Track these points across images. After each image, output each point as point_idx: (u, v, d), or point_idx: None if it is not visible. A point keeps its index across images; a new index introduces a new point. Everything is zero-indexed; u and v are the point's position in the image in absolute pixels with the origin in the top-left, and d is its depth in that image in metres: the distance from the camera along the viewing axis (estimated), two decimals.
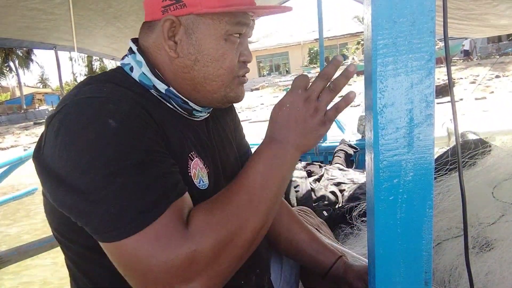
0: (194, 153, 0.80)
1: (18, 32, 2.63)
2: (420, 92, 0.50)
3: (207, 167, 0.84)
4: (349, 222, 1.84)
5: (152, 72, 0.79)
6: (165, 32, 0.76)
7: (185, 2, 0.74)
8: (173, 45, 0.78)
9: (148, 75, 0.79)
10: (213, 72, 0.79)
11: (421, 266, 0.56)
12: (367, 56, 0.53)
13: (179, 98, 0.81)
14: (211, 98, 0.83)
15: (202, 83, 0.81)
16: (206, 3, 0.74)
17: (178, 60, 0.79)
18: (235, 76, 0.82)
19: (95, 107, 0.65)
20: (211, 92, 0.82)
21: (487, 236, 1.32)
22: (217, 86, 0.81)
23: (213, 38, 0.77)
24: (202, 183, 0.81)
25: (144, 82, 0.79)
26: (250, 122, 12.30)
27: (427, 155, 0.51)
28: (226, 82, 0.81)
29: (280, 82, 24.50)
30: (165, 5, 0.75)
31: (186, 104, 0.83)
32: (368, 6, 0.50)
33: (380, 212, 0.54)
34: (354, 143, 3.59)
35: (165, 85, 0.80)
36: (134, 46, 0.82)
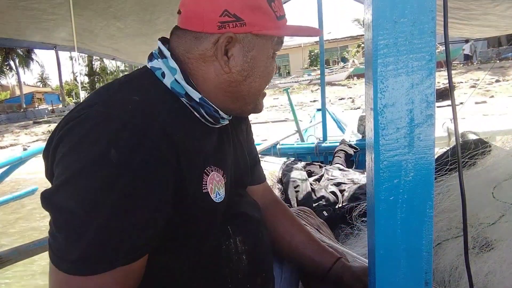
0: (210, 168, 0.80)
1: (18, 32, 2.63)
2: (420, 93, 0.50)
3: (224, 176, 0.85)
4: (349, 222, 1.84)
5: (186, 80, 0.79)
6: (223, 47, 0.77)
7: (246, 21, 0.76)
8: (226, 61, 0.79)
9: (181, 83, 0.79)
10: (258, 87, 0.84)
11: (421, 266, 0.56)
12: (368, 56, 0.53)
13: (211, 107, 0.81)
14: (245, 109, 0.87)
15: (244, 96, 0.84)
16: (265, 24, 0.78)
17: (229, 75, 0.80)
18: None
19: (107, 128, 0.65)
20: (248, 103, 0.86)
21: (487, 236, 1.32)
22: (255, 98, 0.86)
23: (266, 56, 0.82)
24: (219, 196, 0.82)
25: (176, 90, 0.79)
26: (251, 123, 12.26)
27: (427, 155, 0.51)
28: (259, 94, 0.87)
29: (281, 84, 24.51)
30: (224, 21, 0.75)
31: (217, 113, 0.83)
32: (369, 6, 0.50)
33: (380, 212, 0.54)
34: (354, 143, 3.59)
35: (199, 93, 0.80)
36: (167, 51, 0.81)
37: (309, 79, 24.60)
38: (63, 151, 0.65)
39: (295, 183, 2.46)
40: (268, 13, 0.77)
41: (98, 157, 0.62)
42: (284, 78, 30.03)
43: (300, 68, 30.72)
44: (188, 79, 0.79)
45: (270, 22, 0.78)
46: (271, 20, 0.78)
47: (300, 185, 2.42)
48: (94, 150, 0.62)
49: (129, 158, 0.63)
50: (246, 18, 0.75)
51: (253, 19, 0.76)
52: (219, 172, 0.83)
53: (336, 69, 25.23)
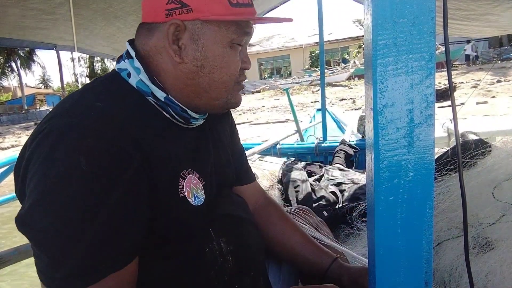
0: (186, 171, 0.79)
1: (19, 32, 2.63)
2: (420, 93, 0.50)
3: (202, 179, 0.83)
4: (349, 222, 1.84)
5: (150, 79, 0.77)
6: (170, 36, 0.75)
7: (192, 7, 0.73)
8: (177, 50, 0.77)
9: (146, 82, 0.77)
10: (218, 78, 0.79)
11: (421, 266, 0.56)
12: (368, 57, 0.53)
13: (177, 106, 0.80)
14: (213, 104, 0.83)
15: (207, 89, 0.80)
16: (214, 10, 0.73)
17: (183, 65, 0.78)
18: (235, 82, 0.83)
19: (73, 137, 0.64)
20: (214, 98, 0.82)
21: (487, 236, 1.32)
22: (220, 92, 0.82)
23: (220, 45, 0.77)
24: (198, 199, 0.80)
25: (142, 89, 0.78)
26: (251, 124, 12.30)
27: (427, 155, 0.51)
28: (229, 88, 0.82)
29: (281, 84, 24.52)
30: (170, 8, 0.73)
31: (185, 112, 0.81)
32: (369, 6, 0.50)
33: (380, 212, 0.54)
34: (354, 143, 3.58)
35: (164, 93, 0.78)
36: (132, 51, 0.80)
37: (310, 80, 24.60)
38: (33, 170, 0.64)
39: (295, 183, 2.46)
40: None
41: (68, 169, 0.61)
42: (285, 79, 30.04)
43: (301, 69, 30.71)
44: (153, 78, 0.78)
45: (220, 9, 0.74)
46: (222, 6, 0.74)
47: (300, 185, 2.42)
48: (63, 163, 0.62)
49: (99, 164, 0.63)
50: (192, 4, 0.73)
51: (200, 4, 0.73)
52: (196, 175, 0.81)
53: (337, 69, 25.24)
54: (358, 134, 4.42)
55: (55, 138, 0.64)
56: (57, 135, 0.64)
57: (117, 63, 0.82)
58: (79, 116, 0.67)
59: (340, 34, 31.34)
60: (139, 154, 0.68)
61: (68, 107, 0.70)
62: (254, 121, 12.80)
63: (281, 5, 4.18)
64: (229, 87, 0.82)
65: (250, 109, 17.28)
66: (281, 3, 4.15)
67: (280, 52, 34.34)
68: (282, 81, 27.40)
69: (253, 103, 19.34)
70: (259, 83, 29.43)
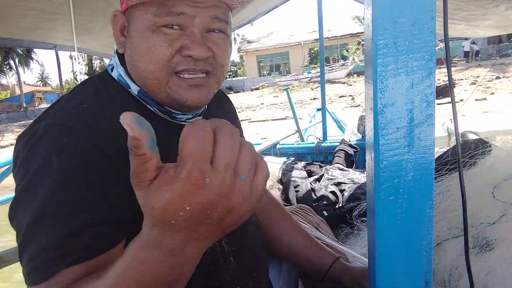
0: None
1: (19, 31, 2.63)
2: (420, 92, 0.50)
3: None
4: (349, 222, 1.84)
5: (127, 72, 0.77)
6: (116, 26, 0.77)
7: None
8: (123, 41, 0.77)
9: (123, 75, 0.77)
10: (144, 67, 0.72)
11: (421, 266, 0.55)
12: (368, 56, 0.53)
13: (151, 101, 0.77)
14: (162, 100, 0.76)
15: (144, 81, 0.75)
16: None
17: (125, 56, 0.77)
18: (171, 72, 0.72)
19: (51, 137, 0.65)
20: (155, 92, 0.75)
21: (487, 236, 1.32)
22: (154, 84, 0.73)
23: (140, 30, 0.72)
24: None
25: (122, 81, 0.77)
26: (250, 122, 12.30)
27: (427, 155, 0.51)
28: (161, 79, 0.73)
29: (280, 82, 24.51)
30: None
31: (162, 107, 0.77)
32: (369, 6, 0.50)
33: (380, 212, 0.54)
34: (354, 143, 3.59)
35: (137, 86, 0.76)
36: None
37: (309, 77, 24.58)
38: (16, 170, 0.67)
39: (295, 182, 2.46)
40: None
41: (41, 167, 0.62)
42: (284, 76, 30.03)
43: (300, 66, 30.71)
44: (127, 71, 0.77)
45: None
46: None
47: (300, 185, 2.42)
48: (38, 161, 0.63)
49: (69, 162, 0.63)
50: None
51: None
52: None
53: (336, 66, 25.22)
54: (358, 134, 4.42)
55: (36, 140, 0.66)
56: (39, 136, 0.66)
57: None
58: (61, 117, 0.68)
59: (339, 30, 31.34)
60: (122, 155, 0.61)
61: (57, 110, 0.71)
62: (253, 119, 12.81)
63: (281, 4, 4.18)
64: (160, 77, 0.72)
65: (249, 107, 17.28)
66: (281, 3, 4.15)
67: (279, 49, 34.33)
68: (281, 78, 27.39)
69: (252, 101, 19.34)
70: (258, 80, 29.43)
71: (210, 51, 0.73)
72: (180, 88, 0.73)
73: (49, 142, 0.64)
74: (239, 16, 3.63)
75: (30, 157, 0.65)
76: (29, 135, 0.68)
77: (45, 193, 0.61)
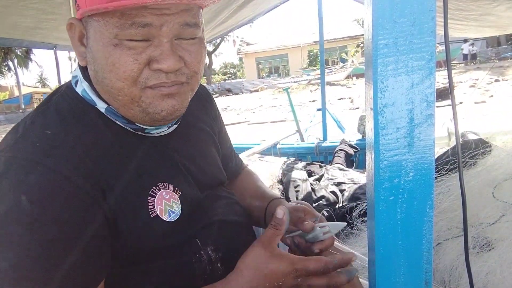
0: (156, 187, 0.72)
1: (18, 31, 2.63)
2: (420, 92, 0.50)
3: (178, 190, 0.76)
4: (349, 222, 1.84)
5: (92, 87, 0.70)
6: (73, 35, 0.68)
7: (78, 2, 0.63)
8: (83, 51, 0.68)
9: (87, 91, 0.70)
10: (111, 85, 0.66)
11: (421, 266, 0.55)
12: (368, 56, 0.53)
13: (121, 118, 0.71)
14: (133, 115, 0.70)
15: (113, 98, 0.68)
16: (91, 1, 0.60)
17: (88, 69, 0.69)
18: (143, 87, 0.66)
19: (15, 174, 0.59)
20: (127, 107, 0.69)
21: (487, 236, 1.32)
22: (125, 101, 0.67)
23: (101, 44, 0.63)
24: (173, 214, 0.74)
25: (87, 98, 0.70)
26: (249, 124, 12.29)
27: (427, 155, 0.51)
28: (133, 95, 0.66)
29: (280, 84, 24.52)
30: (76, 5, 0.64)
31: (133, 124, 0.72)
32: (369, 6, 0.50)
33: (381, 212, 0.54)
34: (354, 143, 3.59)
35: (104, 103, 0.70)
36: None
37: (308, 79, 24.59)
38: None
39: (295, 183, 2.46)
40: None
41: (10, 211, 0.57)
42: (283, 78, 30.03)
43: (299, 68, 30.71)
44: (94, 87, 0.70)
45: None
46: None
47: (300, 185, 2.42)
48: (5, 205, 0.57)
49: (41, 201, 0.58)
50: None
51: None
52: (169, 188, 0.75)
53: (335, 69, 25.24)
54: (358, 134, 4.42)
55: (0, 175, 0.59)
56: (2, 173, 0.59)
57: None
58: (24, 149, 0.62)
59: (339, 33, 31.36)
60: (90, 185, 0.63)
61: (18, 137, 0.64)
62: (253, 121, 12.81)
63: (281, 5, 4.18)
64: (132, 94, 0.66)
65: (248, 109, 17.28)
66: (281, 3, 4.15)
67: (278, 51, 34.37)
68: (281, 80, 27.39)
69: (252, 103, 19.34)
70: (257, 82, 29.46)
71: (182, 61, 0.67)
72: (154, 99, 0.67)
73: (13, 180, 0.58)
74: (239, 16, 3.63)
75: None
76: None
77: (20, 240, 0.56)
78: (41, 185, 0.58)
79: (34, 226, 0.57)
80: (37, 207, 0.57)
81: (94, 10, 0.60)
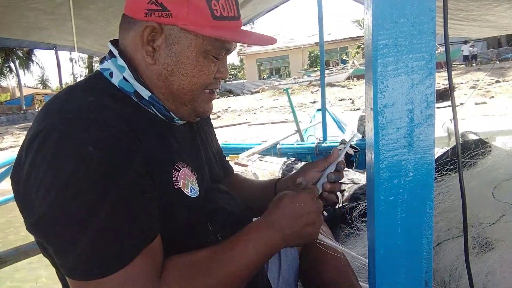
0: (180, 164, 0.79)
1: (19, 32, 2.63)
2: (420, 92, 0.50)
3: (195, 173, 0.84)
4: (349, 222, 1.84)
5: (135, 77, 0.77)
6: (145, 37, 0.75)
7: (172, 13, 0.72)
8: (151, 51, 0.76)
9: (130, 80, 0.77)
10: (187, 86, 0.79)
11: (421, 266, 0.56)
12: (368, 57, 0.53)
13: (161, 106, 0.80)
14: (181, 110, 0.83)
15: (175, 95, 0.80)
16: (193, 20, 0.73)
17: (154, 67, 0.77)
18: (204, 91, 0.82)
19: (76, 132, 0.64)
20: (182, 103, 0.81)
21: (487, 236, 1.32)
22: (188, 99, 0.81)
23: (193, 54, 0.76)
24: (193, 191, 0.81)
25: (124, 89, 0.77)
26: (250, 125, 12.29)
27: (427, 155, 0.51)
28: (195, 96, 0.81)
29: (280, 85, 24.52)
30: (150, 9, 0.73)
31: (168, 113, 0.82)
32: (369, 7, 0.50)
33: (381, 212, 0.54)
34: (354, 143, 3.57)
35: (148, 91, 0.78)
36: (115, 49, 0.80)
37: (309, 80, 24.59)
38: (40, 176, 0.62)
39: None
40: (201, 8, 0.72)
41: (79, 163, 0.61)
42: (284, 79, 30.02)
43: (300, 69, 30.69)
44: (137, 76, 0.77)
45: (200, 19, 0.73)
46: (203, 16, 0.73)
47: None
48: (72, 159, 0.61)
49: (109, 151, 0.64)
50: (173, 10, 0.72)
51: (180, 11, 0.72)
52: (188, 169, 0.82)
53: (336, 70, 25.23)
54: (358, 134, 4.42)
55: (57, 136, 0.63)
56: (59, 134, 0.63)
57: (100, 64, 0.82)
58: (75, 111, 0.67)
59: (339, 34, 31.32)
60: (137, 139, 0.70)
61: (60, 106, 0.69)
62: (253, 122, 12.81)
63: (281, 5, 4.19)
64: (198, 95, 0.81)
65: (249, 110, 17.28)
66: (281, 3, 4.15)
67: (279, 52, 34.31)
68: (281, 81, 27.39)
69: (252, 104, 19.35)
70: (258, 84, 29.47)
71: None
72: (205, 102, 0.84)
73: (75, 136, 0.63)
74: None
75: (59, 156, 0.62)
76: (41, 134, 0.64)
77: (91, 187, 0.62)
78: (103, 137, 0.64)
79: (107, 172, 0.63)
80: (106, 154, 0.63)
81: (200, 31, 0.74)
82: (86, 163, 0.61)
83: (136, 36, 0.76)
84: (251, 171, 2.86)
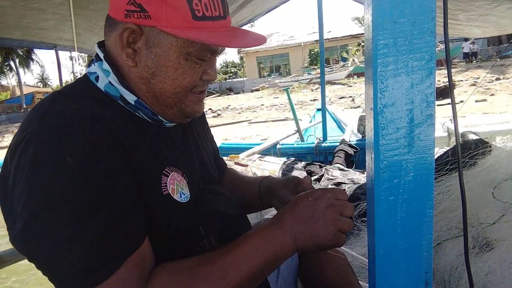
0: (169, 168, 0.78)
1: (19, 32, 2.63)
2: (420, 92, 0.50)
3: (185, 176, 0.82)
4: None
5: (120, 81, 0.75)
6: (124, 39, 0.72)
7: (151, 14, 0.69)
8: (131, 53, 0.74)
9: (116, 85, 0.75)
10: (169, 89, 0.76)
11: (421, 266, 0.56)
12: (368, 56, 0.53)
13: (148, 110, 0.78)
14: (168, 113, 0.80)
15: (158, 97, 0.77)
16: (173, 21, 0.69)
17: (136, 69, 0.75)
18: (192, 93, 0.80)
19: (55, 141, 0.63)
20: (167, 106, 0.79)
21: (487, 236, 1.32)
22: (172, 102, 0.78)
23: (174, 56, 0.73)
24: (183, 195, 0.79)
25: (111, 93, 0.76)
26: (250, 123, 12.29)
27: (427, 155, 0.51)
28: (180, 98, 0.78)
29: (280, 83, 24.51)
30: (130, 10, 0.70)
31: (156, 116, 0.80)
32: (369, 6, 0.50)
33: (380, 212, 0.54)
34: (354, 143, 3.59)
35: (134, 96, 0.76)
36: (101, 53, 0.78)
37: (309, 78, 24.58)
38: (21, 183, 0.62)
39: None
40: (180, 9, 0.69)
41: (56, 173, 0.60)
42: (284, 77, 30.00)
43: (300, 67, 30.67)
44: (123, 80, 0.76)
45: (179, 20, 0.69)
46: (183, 17, 0.69)
47: None
48: (49, 168, 0.61)
49: (86, 160, 0.62)
50: (151, 11, 0.69)
51: (159, 13, 0.69)
52: (178, 173, 0.81)
53: (336, 68, 25.21)
54: (358, 134, 4.42)
55: (36, 145, 0.62)
56: (38, 143, 0.63)
57: (88, 67, 0.80)
58: (55, 119, 0.66)
59: (339, 32, 31.27)
60: (121, 149, 0.68)
61: (43, 113, 0.68)
62: (254, 120, 12.80)
63: (280, 5, 4.18)
64: (183, 97, 0.79)
65: (249, 108, 17.28)
66: (281, 3, 4.15)
67: (279, 50, 34.26)
68: (281, 79, 27.38)
69: (253, 102, 19.35)
70: (258, 81, 29.45)
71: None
72: (193, 103, 0.81)
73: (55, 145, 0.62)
74: (239, 15, 3.63)
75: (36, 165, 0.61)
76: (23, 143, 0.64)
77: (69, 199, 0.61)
78: (82, 146, 0.63)
79: (84, 182, 0.61)
80: (83, 165, 0.62)
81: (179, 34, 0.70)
82: (63, 174, 0.60)
83: (117, 37, 0.74)
84: (251, 171, 2.86)
